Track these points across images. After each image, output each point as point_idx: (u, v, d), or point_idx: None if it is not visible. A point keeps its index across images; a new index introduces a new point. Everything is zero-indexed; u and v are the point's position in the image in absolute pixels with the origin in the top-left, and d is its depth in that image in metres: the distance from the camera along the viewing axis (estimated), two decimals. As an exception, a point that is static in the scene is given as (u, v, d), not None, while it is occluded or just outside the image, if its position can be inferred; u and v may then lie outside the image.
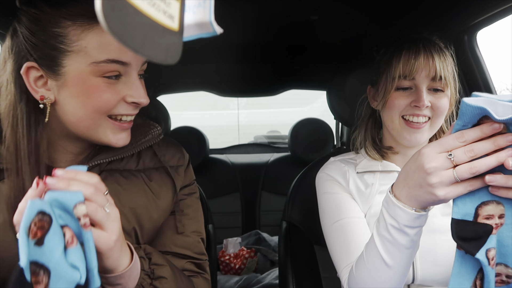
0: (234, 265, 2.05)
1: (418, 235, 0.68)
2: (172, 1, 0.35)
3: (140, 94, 0.68)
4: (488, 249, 0.56)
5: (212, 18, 0.39)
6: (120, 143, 0.71)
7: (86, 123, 0.67)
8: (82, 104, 0.64)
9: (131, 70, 0.67)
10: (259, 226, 2.40)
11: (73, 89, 0.64)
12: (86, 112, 0.65)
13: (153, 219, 0.78)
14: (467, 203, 0.57)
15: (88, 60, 0.62)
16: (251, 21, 1.24)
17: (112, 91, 0.65)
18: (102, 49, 0.62)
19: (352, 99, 1.19)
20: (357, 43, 1.50)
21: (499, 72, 6.75)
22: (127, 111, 0.69)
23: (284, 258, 1.15)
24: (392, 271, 0.71)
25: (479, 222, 0.57)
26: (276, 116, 5.60)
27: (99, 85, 0.64)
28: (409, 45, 0.87)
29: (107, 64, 0.63)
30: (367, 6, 1.12)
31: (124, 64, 0.65)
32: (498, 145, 0.53)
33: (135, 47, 0.30)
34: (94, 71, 0.63)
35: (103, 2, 0.28)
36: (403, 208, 0.65)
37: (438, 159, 0.57)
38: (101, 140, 0.69)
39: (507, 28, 6.97)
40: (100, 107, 0.65)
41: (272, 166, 2.48)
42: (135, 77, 0.68)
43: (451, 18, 1.17)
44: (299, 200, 1.23)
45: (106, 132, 0.69)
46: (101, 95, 0.64)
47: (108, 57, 0.62)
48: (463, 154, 0.55)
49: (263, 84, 2.40)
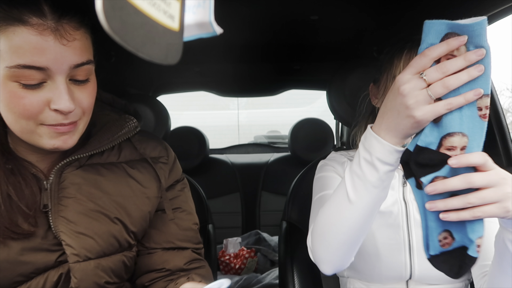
0: (234, 265, 2.06)
1: (388, 176, 0.67)
2: (172, 1, 0.35)
3: (62, 100, 0.62)
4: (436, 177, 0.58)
5: (212, 18, 0.39)
6: (58, 147, 0.67)
7: (17, 127, 0.64)
8: (6, 108, 0.62)
9: (54, 75, 0.62)
10: (259, 226, 2.40)
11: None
12: (13, 117, 0.63)
13: (139, 207, 0.79)
14: (434, 132, 0.59)
15: (2, 64, 0.59)
16: (251, 21, 1.24)
17: (32, 97, 0.61)
18: (13, 53, 0.59)
19: (352, 99, 1.19)
20: (357, 43, 1.50)
21: (499, 72, 6.76)
22: (56, 120, 0.64)
23: (284, 258, 1.15)
24: (353, 208, 0.70)
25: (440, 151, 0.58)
26: (276, 116, 5.60)
27: (16, 90, 0.61)
28: (411, 45, 0.88)
29: (20, 70, 0.59)
30: (367, 6, 1.12)
31: (41, 70, 0.60)
32: (469, 60, 0.54)
33: (136, 47, 0.30)
34: (9, 75, 0.60)
35: (103, 2, 0.28)
36: (378, 138, 0.64)
37: (411, 81, 0.57)
38: (38, 144, 0.66)
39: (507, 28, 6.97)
40: (22, 113, 0.62)
41: (272, 166, 2.48)
42: (60, 81, 0.63)
43: (451, 18, 1.17)
44: (299, 200, 1.23)
45: (40, 137, 0.66)
46: (18, 101, 0.61)
47: (19, 62, 0.59)
48: (434, 71, 0.55)
49: (263, 84, 2.40)
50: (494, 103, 1.29)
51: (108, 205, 0.75)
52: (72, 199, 0.72)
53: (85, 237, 0.72)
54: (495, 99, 1.29)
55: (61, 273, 0.72)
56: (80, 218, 0.72)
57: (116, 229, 0.76)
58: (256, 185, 2.44)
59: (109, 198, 0.76)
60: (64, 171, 0.74)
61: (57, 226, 0.71)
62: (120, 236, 0.77)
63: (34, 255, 0.69)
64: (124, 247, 0.78)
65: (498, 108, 1.29)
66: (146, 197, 0.81)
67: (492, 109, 1.29)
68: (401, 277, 0.89)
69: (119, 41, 0.29)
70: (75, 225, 0.71)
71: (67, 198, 0.72)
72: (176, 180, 0.88)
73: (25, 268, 0.69)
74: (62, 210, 0.71)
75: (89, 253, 0.72)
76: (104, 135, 0.77)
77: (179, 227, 0.86)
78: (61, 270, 0.72)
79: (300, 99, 5.32)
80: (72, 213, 0.72)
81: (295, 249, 1.16)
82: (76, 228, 0.71)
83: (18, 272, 0.68)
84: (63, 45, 0.61)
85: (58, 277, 0.72)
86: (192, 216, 0.90)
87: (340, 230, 0.72)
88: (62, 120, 0.65)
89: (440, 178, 0.58)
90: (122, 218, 0.77)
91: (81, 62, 0.65)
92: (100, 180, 0.76)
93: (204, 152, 2.29)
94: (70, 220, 0.71)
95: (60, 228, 0.71)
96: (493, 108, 1.29)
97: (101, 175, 0.76)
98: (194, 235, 0.89)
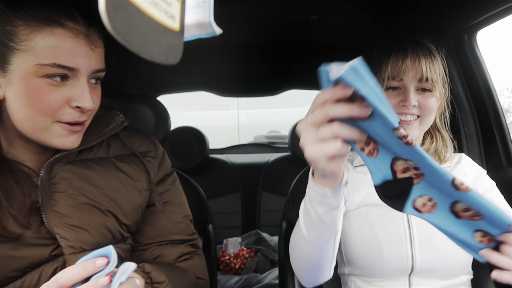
0: (234, 265, 2.06)
1: (329, 215, 0.68)
2: (173, 1, 0.35)
3: (84, 98, 0.68)
4: (414, 200, 0.59)
5: (212, 18, 0.39)
6: (66, 147, 0.71)
7: (30, 123, 0.67)
8: (25, 103, 0.65)
9: (79, 75, 0.68)
10: (259, 226, 2.40)
11: (16, 87, 0.65)
12: (30, 112, 0.66)
13: (129, 200, 0.81)
14: (381, 166, 0.59)
15: (33, 61, 0.63)
16: (251, 21, 1.24)
17: (55, 93, 0.66)
18: (48, 52, 0.63)
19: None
20: (357, 43, 1.50)
21: (499, 72, 6.76)
22: (73, 117, 0.69)
23: (284, 258, 1.15)
24: (307, 243, 0.75)
25: (399, 178, 0.59)
26: (276, 116, 5.59)
27: (41, 86, 0.65)
28: (398, 48, 0.91)
29: (52, 68, 0.64)
30: (367, 6, 1.12)
31: (71, 70, 0.66)
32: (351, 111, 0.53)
33: (138, 47, 0.30)
34: (37, 72, 0.64)
35: (106, 2, 0.28)
36: (311, 182, 0.68)
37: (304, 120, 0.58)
38: (47, 142, 0.69)
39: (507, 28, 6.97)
40: (43, 109, 0.66)
41: (272, 166, 2.48)
42: (83, 81, 0.68)
43: (451, 18, 1.18)
44: (299, 200, 1.22)
45: (52, 135, 0.69)
46: (42, 97, 0.65)
47: (54, 61, 0.64)
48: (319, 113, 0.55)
49: (263, 84, 2.40)
50: (494, 103, 1.29)
51: (99, 198, 0.76)
52: (63, 193, 0.74)
53: (79, 229, 0.73)
54: (495, 99, 1.29)
55: (56, 267, 0.73)
56: (73, 211, 0.73)
57: (109, 221, 0.77)
58: (256, 185, 2.44)
59: (100, 191, 0.77)
60: (54, 167, 0.75)
61: (50, 220, 0.72)
62: (113, 228, 0.78)
63: (27, 250, 0.70)
64: (117, 239, 0.79)
65: (498, 108, 1.29)
66: (136, 190, 0.82)
67: (492, 109, 1.29)
68: (403, 270, 0.88)
69: (121, 42, 0.29)
70: (68, 219, 0.73)
71: (58, 193, 0.73)
72: (166, 174, 0.90)
73: (19, 263, 0.69)
74: (54, 204, 0.73)
75: (84, 244, 0.73)
76: (91, 130, 0.79)
77: (171, 220, 0.87)
78: (56, 264, 0.73)
79: (300, 99, 5.30)
80: (64, 207, 0.73)
81: (295, 249, 1.16)
82: (69, 221, 0.73)
83: (12, 267, 0.69)
84: (91, 50, 0.68)
85: (53, 271, 0.72)
86: (183, 209, 0.91)
87: (302, 258, 0.80)
88: (79, 117, 0.69)
89: (419, 198, 0.59)
90: (114, 211, 0.78)
91: (102, 68, 0.72)
92: (89, 174, 0.77)
93: (204, 152, 2.29)
94: (62, 214, 0.73)
95: (53, 222, 0.72)
96: (493, 108, 1.29)
97: (90, 169, 0.78)
98: (187, 227, 0.90)
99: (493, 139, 1.29)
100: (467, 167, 0.99)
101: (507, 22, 1.19)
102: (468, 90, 1.33)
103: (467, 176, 0.97)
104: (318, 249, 0.75)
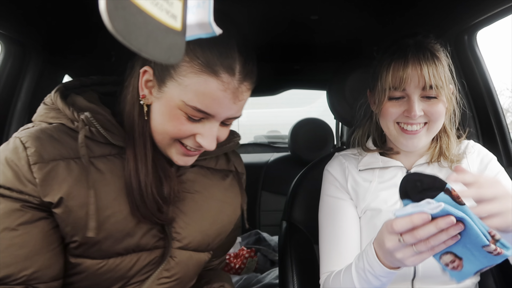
0: (234, 265, 2.05)
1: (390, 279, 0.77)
2: (174, 1, 0.35)
3: (208, 141, 0.72)
4: (442, 254, 0.68)
5: (211, 18, 0.39)
6: (179, 164, 0.77)
7: (160, 137, 0.74)
8: (161, 122, 0.71)
9: (214, 120, 0.72)
10: (259, 226, 2.40)
11: (162, 106, 0.70)
12: (162, 129, 0.72)
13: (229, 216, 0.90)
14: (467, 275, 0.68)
15: (181, 96, 0.67)
16: (251, 21, 1.24)
17: (189, 126, 0.71)
18: (196, 97, 0.67)
19: (352, 99, 1.19)
20: (357, 43, 1.50)
21: (499, 72, 6.76)
22: (193, 146, 0.74)
23: (284, 258, 1.15)
24: None
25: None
26: (276, 116, 5.59)
27: (179, 117, 0.69)
28: (398, 55, 0.87)
29: (193, 111, 0.68)
30: (367, 6, 1.12)
31: (209, 115, 0.70)
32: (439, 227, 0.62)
33: (139, 47, 0.30)
34: (180, 106, 0.68)
35: (107, 2, 0.28)
36: (379, 264, 0.74)
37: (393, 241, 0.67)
38: (167, 154, 0.76)
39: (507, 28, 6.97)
40: (172, 134, 0.71)
41: (272, 166, 2.48)
42: (215, 125, 0.72)
43: (451, 18, 1.18)
44: (299, 200, 1.23)
45: (171, 151, 0.75)
46: (176, 125, 0.70)
47: (197, 105, 0.67)
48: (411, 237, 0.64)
49: (263, 84, 2.38)
50: (494, 103, 1.29)
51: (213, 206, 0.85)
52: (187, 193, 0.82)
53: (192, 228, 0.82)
54: (495, 99, 1.29)
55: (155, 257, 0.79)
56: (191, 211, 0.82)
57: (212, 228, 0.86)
58: (256, 185, 2.44)
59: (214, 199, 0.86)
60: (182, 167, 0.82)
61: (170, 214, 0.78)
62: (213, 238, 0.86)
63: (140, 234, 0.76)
64: (209, 248, 0.87)
65: (498, 108, 1.29)
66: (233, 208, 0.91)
67: (492, 109, 1.29)
68: (406, 275, 0.88)
69: (122, 41, 0.29)
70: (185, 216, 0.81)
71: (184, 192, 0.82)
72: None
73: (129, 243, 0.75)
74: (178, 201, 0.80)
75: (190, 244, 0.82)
76: None
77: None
78: (153, 254, 0.79)
79: (300, 99, 5.31)
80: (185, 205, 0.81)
81: (295, 249, 1.15)
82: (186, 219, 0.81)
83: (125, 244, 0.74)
84: (234, 104, 0.70)
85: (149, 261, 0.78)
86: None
87: None
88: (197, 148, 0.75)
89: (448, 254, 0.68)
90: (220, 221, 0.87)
91: (239, 116, 0.75)
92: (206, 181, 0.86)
93: (204, 152, 2.29)
94: (181, 210, 0.81)
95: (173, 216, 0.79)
96: (493, 108, 1.29)
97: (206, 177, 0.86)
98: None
99: (493, 139, 1.29)
100: (473, 157, 0.97)
101: (507, 22, 1.19)
102: (468, 90, 1.33)
103: (471, 168, 0.96)
104: None
